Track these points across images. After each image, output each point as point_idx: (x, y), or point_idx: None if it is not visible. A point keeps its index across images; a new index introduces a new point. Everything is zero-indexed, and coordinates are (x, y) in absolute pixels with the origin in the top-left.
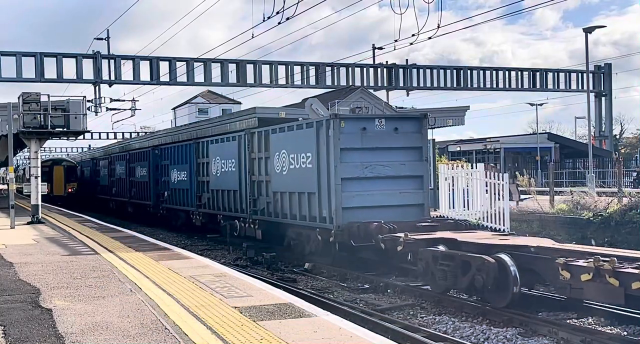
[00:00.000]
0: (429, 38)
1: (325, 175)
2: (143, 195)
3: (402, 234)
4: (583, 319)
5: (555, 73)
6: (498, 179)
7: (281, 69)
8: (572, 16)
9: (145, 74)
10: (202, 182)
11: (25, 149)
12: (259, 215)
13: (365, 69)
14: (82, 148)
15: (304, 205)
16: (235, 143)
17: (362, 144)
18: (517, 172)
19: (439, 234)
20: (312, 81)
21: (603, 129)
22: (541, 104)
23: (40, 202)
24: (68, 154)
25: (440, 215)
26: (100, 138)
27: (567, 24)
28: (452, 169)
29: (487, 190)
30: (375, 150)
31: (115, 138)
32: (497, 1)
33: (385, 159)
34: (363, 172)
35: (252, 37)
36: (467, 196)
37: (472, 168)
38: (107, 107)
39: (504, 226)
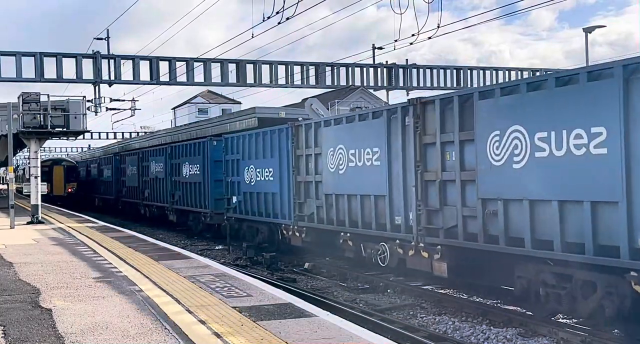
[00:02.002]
0: (429, 38)
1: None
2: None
3: None
4: (583, 319)
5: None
6: None
7: (281, 69)
8: (568, 17)
9: (145, 74)
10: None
11: (25, 149)
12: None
13: (365, 69)
14: (82, 148)
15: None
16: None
17: None
18: None
19: None
20: (312, 81)
21: None
22: None
23: (40, 202)
24: (68, 154)
25: None
26: (100, 138)
27: (562, 24)
28: None
29: None
30: None
31: (115, 138)
32: (493, 1)
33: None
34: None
35: (252, 37)
36: None
37: None
38: (106, 107)
39: None
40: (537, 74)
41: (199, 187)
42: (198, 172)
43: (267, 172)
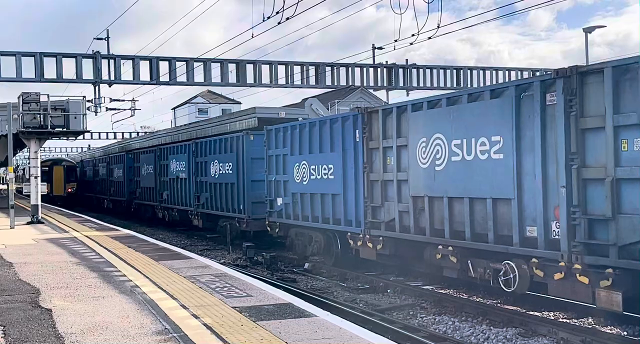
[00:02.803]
0: (429, 38)
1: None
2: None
3: None
4: (583, 319)
5: None
6: None
7: (281, 69)
8: (566, 17)
9: (144, 74)
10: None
11: (25, 149)
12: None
13: (365, 69)
14: (82, 148)
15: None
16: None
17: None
18: None
19: None
20: (312, 81)
21: None
22: None
23: (40, 202)
24: (68, 154)
25: None
26: (100, 138)
27: (561, 24)
28: None
29: None
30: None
31: (115, 138)
32: (491, 2)
33: None
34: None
35: (252, 37)
36: None
37: None
38: (106, 107)
39: None
40: (537, 73)
41: (232, 188)
42: (231, 172)
43: (325, 169)
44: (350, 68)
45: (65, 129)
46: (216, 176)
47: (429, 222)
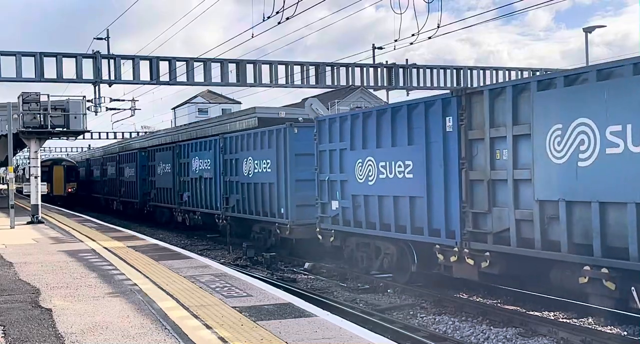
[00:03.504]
0: (429, 38)
1: None
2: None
3: None
4: (583, 319)
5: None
6: None
7: (281, 69)
8: (565, 17)
9: (145, 74)
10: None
11: (25, 149)
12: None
13: (365, 69)
14: (82, 148)
15: None
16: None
17: None
18: None
19: None
20: (312, 81)
21: None
22: None
23: (40, 202)
24: (68, 154)
25: None
26: (100, 138)
27: (559, 25)
28: None
29: None
30: None
31: (115, 138)
32: (489, 2)
33: None
34: None
35: (252, 36)
36: None
37: None
38: (106, 107)
39: None
40: (537, 73)
41: (271, 189)
42: (269, 170)
43: (400, 166)
44: (350, 68)
45: (65, 129)
46: (250, 175)
47: (566, 235)
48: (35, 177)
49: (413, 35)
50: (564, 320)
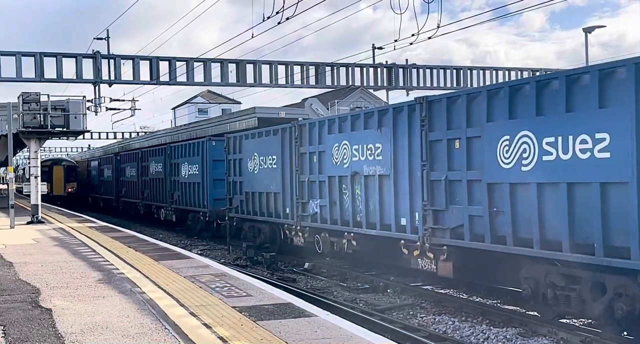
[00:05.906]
0: (429, 38)
1: None
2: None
3: None
4: (583, 319)
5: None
6: None
7: (281, 69)
8: (559, 19)
9: (144, 74)
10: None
11: (25, 149)
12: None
13: (365, 69)
14: (82, 148)
15: None
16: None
17: None
18: None
19: None
20: (312, 81)
21: None
22: None
23: (40, 202)
24: (68, 154)
25: None
26: (100, 138)
27: (554, 26)
28: None
29: None
30: None
31: (115, 138)
32: (483, 3)
33: None
34: None
35: (252, 37)
36: None
37: None
38: (106, 107)
39: None
40: (537, 73)
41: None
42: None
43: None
44: (350, 68)
45: (65, 129)
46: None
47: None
48: (35, 177)
49: (413, 35)
50: (564, 320)
